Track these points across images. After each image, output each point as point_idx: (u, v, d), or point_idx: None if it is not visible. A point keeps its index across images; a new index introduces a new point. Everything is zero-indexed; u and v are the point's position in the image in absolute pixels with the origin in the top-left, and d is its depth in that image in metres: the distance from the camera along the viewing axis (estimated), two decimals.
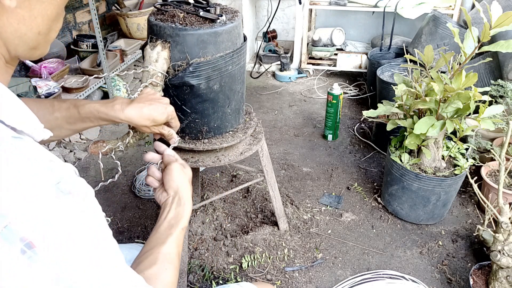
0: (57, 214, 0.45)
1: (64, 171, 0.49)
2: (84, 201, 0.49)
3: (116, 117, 0.87)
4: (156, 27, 1.09)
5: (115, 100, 0.89)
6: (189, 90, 1.15)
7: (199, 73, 1.11)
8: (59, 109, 0.86)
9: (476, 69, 2.22)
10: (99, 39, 2.40)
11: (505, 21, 1.30)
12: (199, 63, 1.10)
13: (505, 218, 1.29)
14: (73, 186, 0.48)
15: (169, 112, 0.94)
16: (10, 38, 0.52)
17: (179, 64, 1.10)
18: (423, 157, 1.69)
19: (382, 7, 2.82)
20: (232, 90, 1.23)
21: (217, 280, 1.55)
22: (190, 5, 1.18)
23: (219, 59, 1.12)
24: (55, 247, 0.44)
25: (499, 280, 1.34)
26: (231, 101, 1.25)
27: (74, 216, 0.47)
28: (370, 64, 2.77)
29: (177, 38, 1.08)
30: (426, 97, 1.55)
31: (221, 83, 1.18)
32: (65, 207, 0.46)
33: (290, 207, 1.88)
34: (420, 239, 1.74)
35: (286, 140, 2.48)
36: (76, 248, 0.46)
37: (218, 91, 1.19)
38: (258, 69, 3.44)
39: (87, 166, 2.24)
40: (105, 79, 2.51)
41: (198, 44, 1.09)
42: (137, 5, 3.12)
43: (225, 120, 1.29)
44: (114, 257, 0.52)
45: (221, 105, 1.23)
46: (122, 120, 0.88)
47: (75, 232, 0.46)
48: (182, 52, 1.09)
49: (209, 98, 1.19)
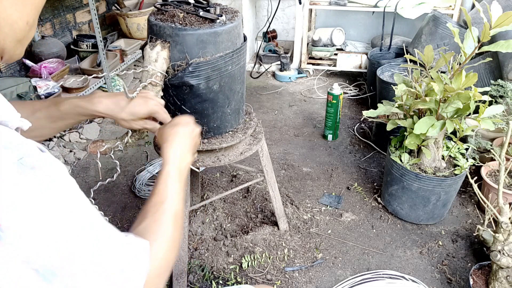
0: (21, 190, 0.43)
1: (27, 148, 0.47)
2: (51, 176, 0.47)
3: (94, 110, 0.87)
4: (156, 27, 1.09)
5: (94, 94, 0.89)
6: (189, 90, 1.15)
7: (199, 73, 1.11)
8: (39, 109, 0.86)
9: (476, 69, 2.22)
10: (99, 39, 2.40)
11: (505, 21, 1.30)
12: (199, 63, 1.10)
13: (505, 218, 1.29)
14: (37, 161, 0.47)
15: (150, 105, 0.92)
16: (2, 24, 0.51)
17: (179, 64, 1.10)
18: (423, 157, 1.69)
19: (382, 7, 2.82)
20: (232, 90, 1.23)
21: (217, 280, 1.55)
22: (190, 5, 1.18)
23: (218, 59, 1.12)
24: (22, 224, 0.42)
25: (499, 280, 1.34)
26: (230, 101, 1.25)
27: (40, 191, 0.45)
28: (370, 64, 2.77)
29: (176, 38, 1.08)
30: (426, 97, 1.55)
31: (221, 83, 1.18)
32: (29, 182, 0.44)
33: (290, 207, 1.88)
34: (420, 239, 1.74)
35: (286, 140, 2.48)
36: (46, 224, 0.44)
37: (217, 91, 1.19)
38: (258, 69, 3.44)
39: (87, 166, 2.24)
40: (105, 79, 2.51)
41: (198, 44, 1.09)
42: (137, 5, 3.12)
43: (225, 120, 1.29)
44: (92, 231, 0.50)
45: (221, 105, 1.23)
46: (100, 112, 0.88)
47: (43, 207, 0.45)
48: (182, 52, 1.09)
49: (208, 98, 1.19)
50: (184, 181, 0.80)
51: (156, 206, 0.70)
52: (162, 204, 0.70)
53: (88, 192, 0.75)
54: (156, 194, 0.72)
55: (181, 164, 0.81)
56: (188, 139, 0.87)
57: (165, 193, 0.73)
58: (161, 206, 0.70)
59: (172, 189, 0.74)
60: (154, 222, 0.67)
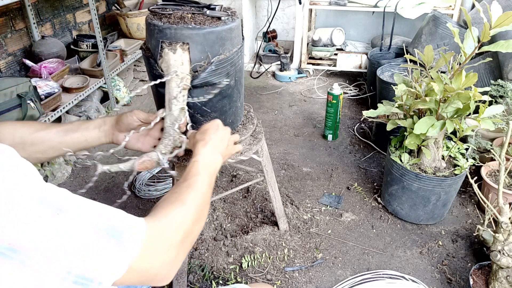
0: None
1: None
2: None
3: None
4: (169, 30, 1.05)
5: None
6: (210, 89, 1.15)
7: (221, 71, 1.12)
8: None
9: (476, 69, 2.22)
10: (99, 39, 2.40)
11: (505, 21, 1.30)
12: (221, 60, 1.10)
13: (505, 218, 1.29)
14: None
15: (129, 120, 1.03)
16: None
17: (201, 64, 1.09)
18: (423, 157, 1.69)
19: (382, 7, 2.82)
20: (241, 83, 1.26)
21: (217, 280, 1.55)
22: (188, 5, 1.18)
23: (234, 54, 1.13)
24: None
25: (499, 280, 1.34)
26: (240, 94, 1.28)
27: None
28: (370, 64, 2.77)
29: (197, 38, 1.06)
30: (426, 97, 1.55)
31: (235, 77, 1.20)
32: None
33: (290, 207, 1.88)
34: (420, 239, 1.74)
35: (286, 140, 2.48)
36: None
37: (233, 86, 1.20)
38: (258, 69, 3.44)
39: (87, 166, 2.24)
40: (105, 79, 2.51)
41: (218, 42, 1.09)
42: (137, 5, 3.12)
43: (237, 114, 1.31)
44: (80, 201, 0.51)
45: (235, 99, 1.25)
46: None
47: None
48: (203, 52, 1.08)
49: (227, 94, 1.20)
50: (211, 177, 0.82)
51: (180, 185, 0.73)
52: (185, 194, 0.72)
53: (84, 193, 0.76)
54: (178, 185, 0.75)
55: (210, 159, 0.85)
56: (219, 141, 0.92)
57: (192, 175, 0.77)
58: (185, 184, 0.74)
59: (197, 174, 0.78)
60: (176, 194, 0.70)
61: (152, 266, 0.57)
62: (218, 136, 0.92)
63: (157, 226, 0.60)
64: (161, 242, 0.59)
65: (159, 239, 0.59)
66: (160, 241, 0.59)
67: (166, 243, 0.60)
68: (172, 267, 0.62)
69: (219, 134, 0.93)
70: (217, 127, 0.94)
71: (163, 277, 0.60)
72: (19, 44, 2.35)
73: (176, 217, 0.65)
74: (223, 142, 0.93)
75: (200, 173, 0.78)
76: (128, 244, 0.53)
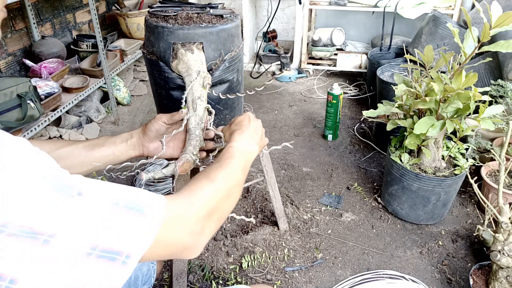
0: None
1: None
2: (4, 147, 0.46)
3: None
4: (182, 30, 1.04)
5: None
6: (223, 86, 1.16)
7: (233, 67, 1.13)
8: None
9: (476, 69, 2.22)
10: (99, 39, 2.40)
11: (505, 21, 1.30)
12: (233, 56, 1.12)
13: (505, 218, 1.29)
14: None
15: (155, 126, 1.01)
16: None
17: (215, 62, 1.10)
18: (423, 157, 1.69)
19: (382, 7, 2.82)
20: (243, 77, 1.28)
21: (217, 280, 1.55)
22: (183, 6, 1.18)
23: (242, 50, 1.16)
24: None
25: (499, 280, 1.34)
26: (243, 88, 1.30)
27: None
28: (370, 64, 2.77)
29: (210, 37, 1.06)
30: (426, 97, 1.55)
31: (241, 73, 1.23)
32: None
33: (290, 207, 1.88)
34: (420, 239, 1.74)
35: (286, 140, 2.47)
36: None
37: (240, 81, 1.22)
38: (258, 69, 3.44)
39: None
40: (105, 79, 2.51)
41: (229, 39, 1.10)
42: (137, 5, 3.12)
43: (241, 111, 1.32)
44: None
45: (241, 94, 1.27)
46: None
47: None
48: (216, 50, 1.09)
49: (237, 90, 1.21)
50: (246, 162, 0.83)
51: (212, 166, 0.75)
52: (218, 163, 0.75)
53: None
54: (216, 160, 0.77)
55: (246, 146, 0.85)
56: (254, 131, 0.92)
57: (225, 158, 0.78)
58: (217, 165, 0.75)
59: (232, 157, 0.79)
60: (205, 173, 0.72)
61: (178, 237, 0.58)
62: (252, 126, 0.92)
63: (181, 199, 0.61)
64: (185, 215, 0.60)
65: (183, 212, 0.60)
66: (183, 214, 0.60)
67: (190, 217, 0.61)
68: (199, 238, 0.62)
69: (253, 124, 0.93)
70: (250, 118, 0.94)
71: (190, 249, 0.60)
72: (19, 44, 2.35)
73: (202, 192, 0.65)
74: (258, 132, 0.93)
75: (234, 156, 0.79)
76: (151, 216, 0.53)
